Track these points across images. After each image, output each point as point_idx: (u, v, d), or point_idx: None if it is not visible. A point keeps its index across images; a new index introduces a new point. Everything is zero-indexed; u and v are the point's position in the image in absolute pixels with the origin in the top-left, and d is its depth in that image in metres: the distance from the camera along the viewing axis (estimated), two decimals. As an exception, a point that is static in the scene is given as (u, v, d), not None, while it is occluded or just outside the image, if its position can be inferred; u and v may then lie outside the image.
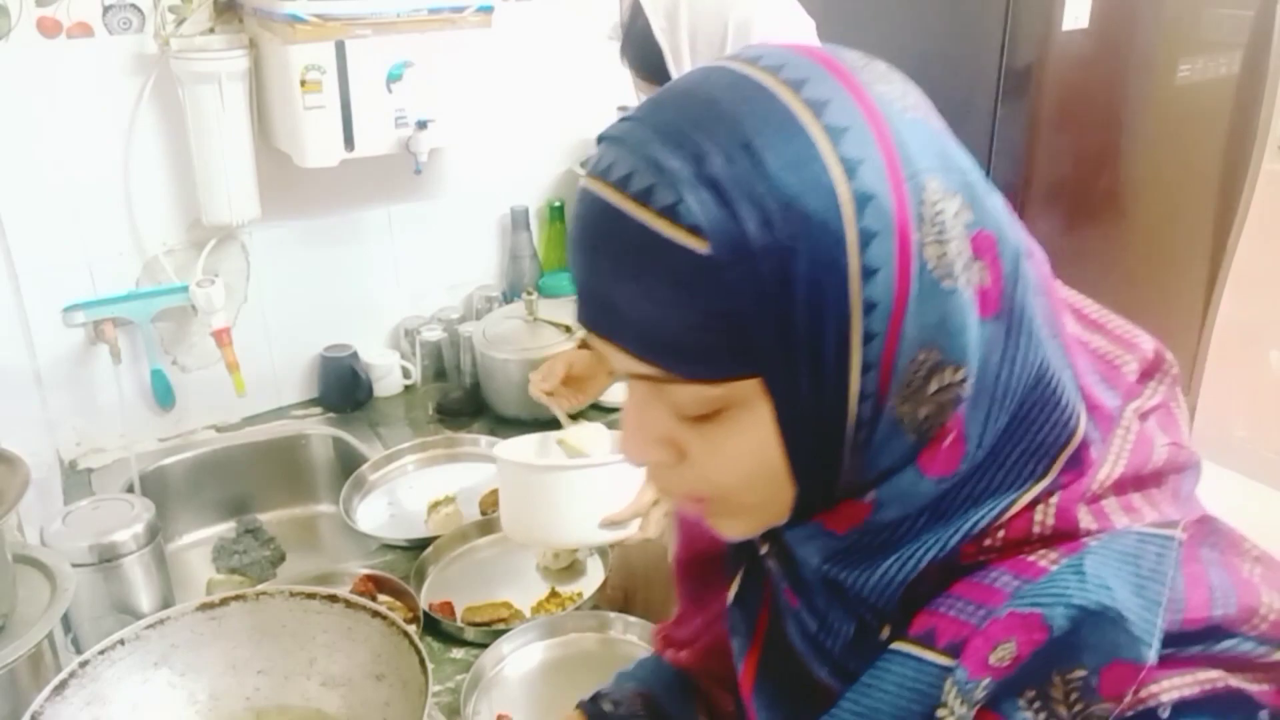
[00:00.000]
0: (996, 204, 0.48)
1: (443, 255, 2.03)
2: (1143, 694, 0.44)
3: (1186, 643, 0.45)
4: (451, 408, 1.87)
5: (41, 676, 0.97)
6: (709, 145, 0.44)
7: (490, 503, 1.58)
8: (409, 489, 1.67)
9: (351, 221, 1.91)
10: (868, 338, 0.45)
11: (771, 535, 0.58)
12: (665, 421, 0.50)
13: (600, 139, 0.49)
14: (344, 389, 1.91)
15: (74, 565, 1.08)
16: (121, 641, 0.97)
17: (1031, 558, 0.48)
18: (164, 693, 0.99)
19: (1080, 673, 0.44)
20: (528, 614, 1.34)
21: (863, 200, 0.44)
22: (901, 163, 0.45)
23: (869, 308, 0.44)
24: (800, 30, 1.16)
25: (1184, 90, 1.83)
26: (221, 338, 1.72)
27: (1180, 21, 1.77)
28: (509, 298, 2.05)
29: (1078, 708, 0.44)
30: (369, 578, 1.35)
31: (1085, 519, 0.49)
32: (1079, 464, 0.49)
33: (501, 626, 1.29)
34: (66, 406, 1.73)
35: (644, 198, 0.45)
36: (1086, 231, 1.81)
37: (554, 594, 1.38)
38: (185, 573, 1.71)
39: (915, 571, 0.50)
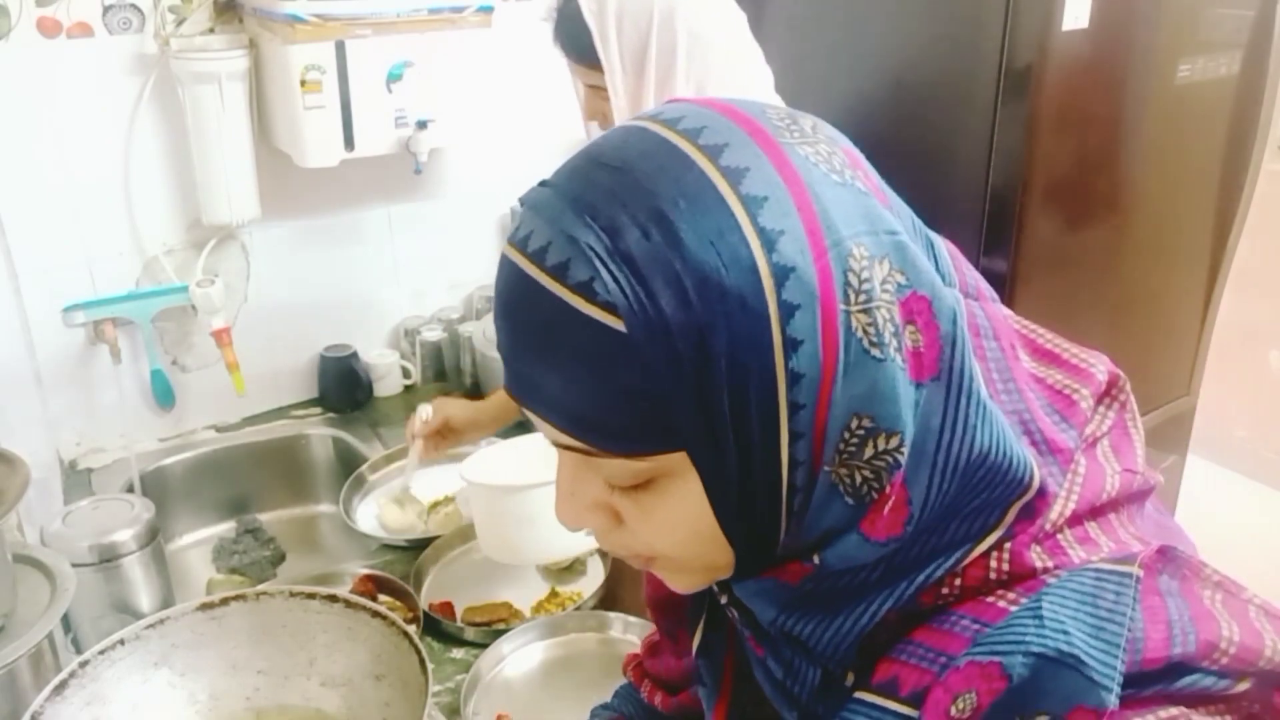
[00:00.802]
0: (931, 263, 0.47)
1: (443, 255, 2.03)
2: None
3: (1146, 683, 0.44)
4: (451, 408, 1.87)
5: (41, 676, 0.97)
6: (623, 219, 0.43)
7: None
8: (411, 486, 1.67)
9: (351, 221, 1.91)
10: (794, 409, 0.44)
11: (727, 587, 0.58)
12: (597, 489, 0.50)
13: (521, 201, 0.49)
14: (344, 389, 1.91)
15: (74, 565, 1.08)
16: (121, 641, 0.97)
17: (990, 599, 0.48)
18: (164, 693, 0.99)
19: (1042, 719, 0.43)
20: (528, 614, 1.34)
21: (782, 273, 0.42)
22: (824, 231, 0.43)
23: (794, 379, 0.43)
24: (725, 17, 1.17)
25: (1184, 90, 1.82)
26: (221, 338, 1.72)
27: (1180, 21, 1.77)
28: (509, 298, 2.05)
29: None
30: (369, 578, 1.35)
31: (1039, 559, 0.48)
32: (1032, 512, 0.49)
33: (501, 626, 1.29)
34: (66, 406, 1.73)
35: (558, 273, 0.44)
36: (1086, 231, 1.81)
37: (554, 594, 1.38)
38: (185, 573, 1.71)
39: (870, 624, 0.49)
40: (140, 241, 1.72)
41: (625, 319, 0.42)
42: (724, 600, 0.59)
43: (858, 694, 0.50)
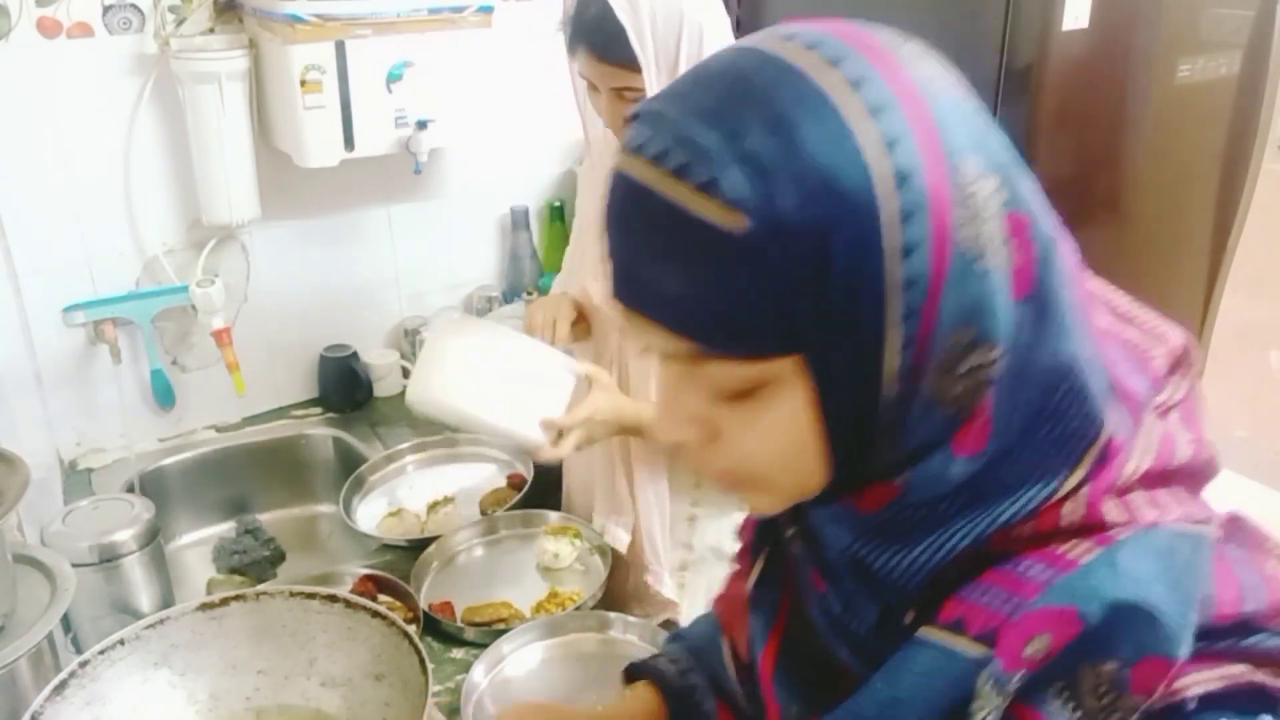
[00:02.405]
0: (1030, 187, 0.48)
1: (443, 255, 2.03)
2: (1171, 687, 0.45)
3: (1215, 638, 0.45)
4: (451, 408, 1.87)
5: (41, 676, 0.97)
6: (745, 122, 0.44)
7: (490, 502, 1.58)
8: (409, 489, 1.67)
9: (351, 221, 1.91)
10: (905, 315, 0.44)
11: (797, 518, 0.58)
12: (699, 400, 0.50)
13: (632, 116, 0.49)
14: (344, 389, 1.91)
15: (74, 565, 1.08)
16: (121, 641, 0.97)
17: (1062, 549, 0.48)
18: (164, 693, 0.99)
19: (1111, 666, 0.45)
20: (528, 614, 1.34)
21: (901, 178, 0.43)
22: (939, 142, 0.44)
23: (907, 284, 0.44)
24: (728, 23, 1.21)
25: (1184, 90, 1.82)
26: (221, 338, 1.72)
27: (1180, 21, 1.77)
28: (509, 298, 2.05)
29: (1107, 700, 0.45)
30: (369, 578, 1.35)
31: (1112, 511, 0.49)
32: (1106, 456, 0.49)
33: (501, 626, 1.29)
34: (66, 406, 1.73)
35: (680, 174, 0.44)
36: (1086, 231, 1.81)
37: (554, 594, 1.38)
38: (185, 573, 1.71)
39: (946, 558, 0.49)
40: (140, 241, 1.72)
41: (748, 218, 0.43)
42: (790, 533, 0.59)
43: (922, 631, 0.50)
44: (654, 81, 1.15)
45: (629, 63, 1.14)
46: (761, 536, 0.66)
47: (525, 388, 1.22)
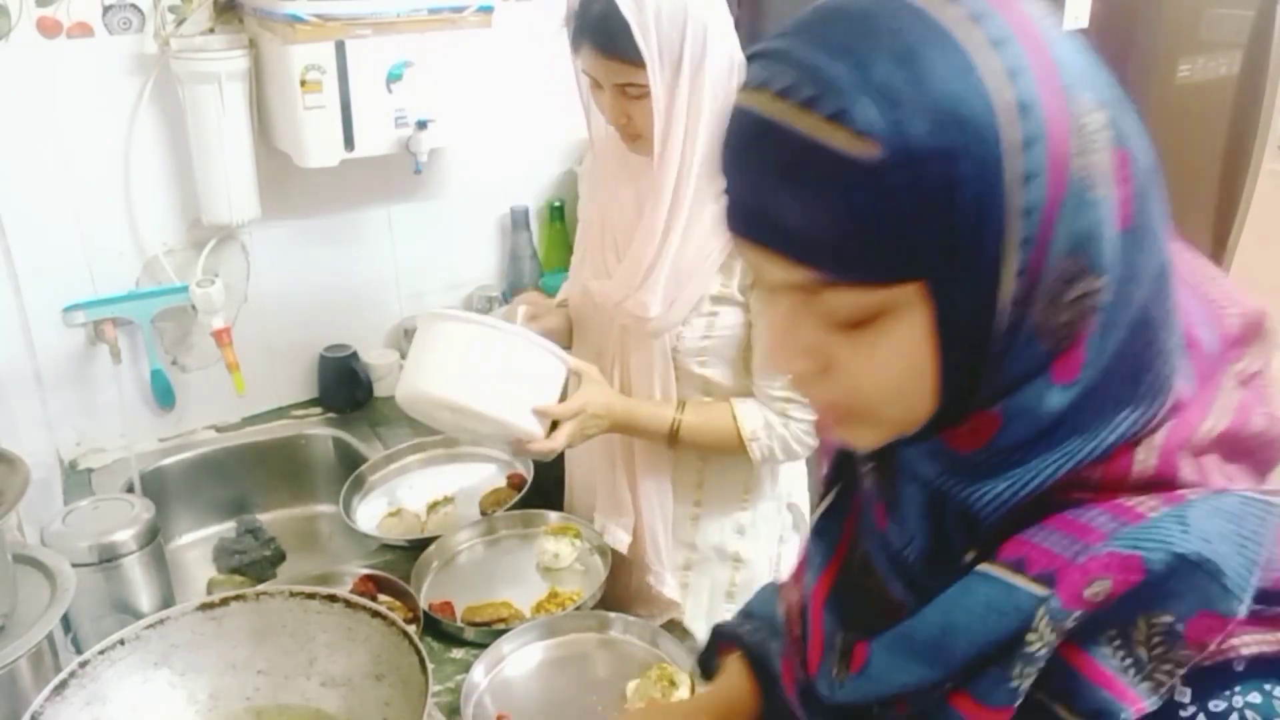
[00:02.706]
0: (1133, 125, 0.50)
1: (443, 255, 2.03)
2: (1223, 645, 0.46)
3: (1273, 602, 0.46)
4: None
5: (41, 676, 0.97)
6: (872, 55, 0.45)
7: (490, 502, 1.58)
8: (409, 489, 1.67)
9: (351, 221, 1.90)
10: (1022, 243, 0.46)
11: (877, 452, 0.59)
12: (814, 331, 0.51)
13: (752, 56, 0.51)
14: (344, 389, 1.91)
15: (74, 565, 1.08)
16: (121, 641, 0.97)
17: (1131, 503, 0.49)
18: (164, 693, 0.99)
19: (1167, 618, 0.46)
20: (528, 614, 1.34)
21: (1022, 108, 0.45)
22: (1057, 75, 0.46)
23: (1026, 212, 0.45)
24: (731, 24, 1.22)
25: (1184, 90, 1.83)
26: (221, 338, 1.72)
27: (1180, 21, 1.78)
28: (509, 298, 2.05)
29: (1158, 650, 0.46)
30: (369, 578, 1.35)
31: (1186, 470, 0.50)
32: (1179, 405, 0.51)
33: (501, 626, 1.29)
34: (66, 406, 1.73)
35: (809, 106, 0.46)
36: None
37: (554, 594, 1.38)
38: (185, 573, 1.71)
39: (1029, 494, 0.50)
40: (140, 241, 1.72)
41: (879, 146, 0.45)
42: (867, 467, 0.61)
43: (981, 566, 0.51)
44: (658, 77, 1.16)
45: (633, 59, 1.15)
46: (838, 471, 0.67)
47: (515, 378, 1.21)
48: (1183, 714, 0.47)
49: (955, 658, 0.51)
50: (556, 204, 2.09)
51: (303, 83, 1.57)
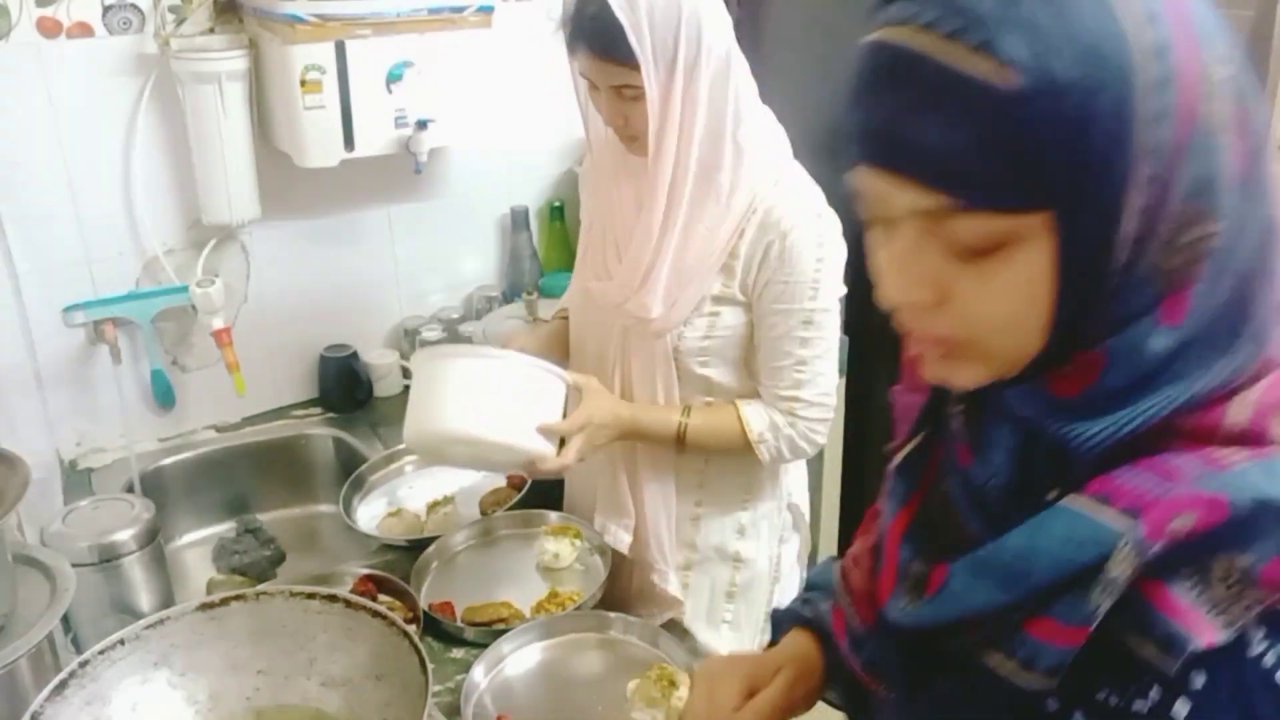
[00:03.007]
0: (1252, 83, 0.51)
1: (443, 255, 2.03)
2: None
3: None
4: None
5: (41, 676, 0.97)
6: None
7: (490, 502, 1.58)
8: (409, 489, 1.67)
9: (351, 221, 1.90)
10: (1149, 179, 0.48)
11: (969, 395, 0.61)
12: (934, 261, 0.52)
13: None
14: (344, 389, 1.91)
15: (74, 565, 1.08)
16: (121, 641, 0.97)
17: (1219, 453, 0.50)
18: (164, 693, 0.99)
19: (1247, 560, 0.48)
20: (528, 614, 1.34)
21: (1158, 50, 0.47)
22: (1191, 22, 0.48)
23: (1154, 151, 0.47)
24: (728, 25, 1.22)
25: (1184, 90, 1.83)
26: (221, 338, 1.72)
27: (1180, 21, 1.78)
28: (509, 298, 2.05)
29: (1233, 589, 0.48)
30: (369, 578, 1.35)
31: (1276, 428, 0.51)
32: (1272, 359, 0.52)
33: (501, 626, 1.29)
34: (66, 406, 1.73)
35: (955, 37, 0.48)
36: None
37: (554, 594, 1.37)
38: (185, 573, 1.71)
39: (1124, 435, 0.51)
40: (140, 241, 1.72)
41: (1021, 76, 0.46)
42: (957, 409, 0.62)
43: (1066, 500, 0.53)
44: (652, 79, 1.16)
45: (627, 60, 1.15)
46: (925, 418, 0.68)
47: (518, 402, 1.22)
48: (1251, 652, 0.48)
49: (1033, 582, 0.52)
50: (556, 204, 2.09)
51: (303, 83, 1.57)
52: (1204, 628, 0.48)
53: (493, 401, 1.20)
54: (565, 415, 1.26)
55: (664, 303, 1.25)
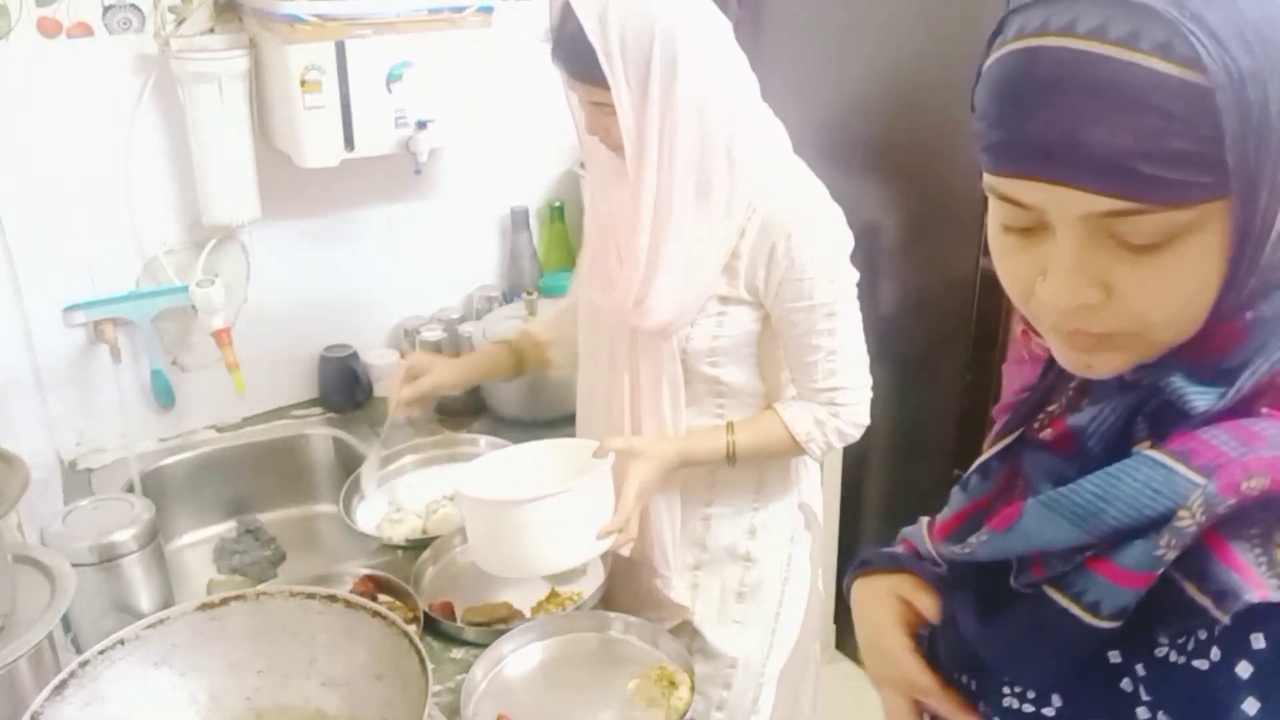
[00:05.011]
0: None
1: (443, 255, 2.02)
2: None
3: None
4: (451, 408, 1.87)
5: (41, 676, 0.97)
6: None
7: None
8: (409, 489, 1.67)
9: (351, 221, 1.90)
10: None
11: (1084, 383, 0.63)
12: (1105, 260, 0.53)
13: (1024, 6, 0.53)
14: (344, 389, 1.91)
15: (74, 565, 1.08)
16: (121, 641, 0.97)
17: None
18: (164, 693, 1.00)
19: None
20: (528, 614, 1.34)
21: None
22: None
23: None
24: (716, 30, 1.21)
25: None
26: (221, 338, 1.72)
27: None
28: (509, 298, 2.05)
29: None
30: (369, 578, 1.35)
31: None
32: None
33: (501, 626, 1.29)
34: (66, 406, 1.73)
35: (1130, 41, 0.49)
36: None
37: (554, 594, 1.38)
38: (185, 573, 1.71)
39: (1240, 397, 0.53)
40: (140, 241, 1.72)
41: (1208, 71, 0.48)
42: (1070, 391, 0.64)
43: (1148, 450, 0.55)
44: (624, 100, 1.15)
45: (600, 81, 1.15)
46: (1022, 417, 0.69)
47: (589, 518, 1.23)
48: None
49: (1105, 525, 0.54)
50: (556, 204, 2.09)
51: (303, 83, 1.57)
52: (1260, 583, 0.49)
53: (569, 532, 1.22)
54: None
55: (668, 310, 1.24)
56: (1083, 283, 0.54)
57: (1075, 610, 0.56)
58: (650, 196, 1.20)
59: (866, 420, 1.32)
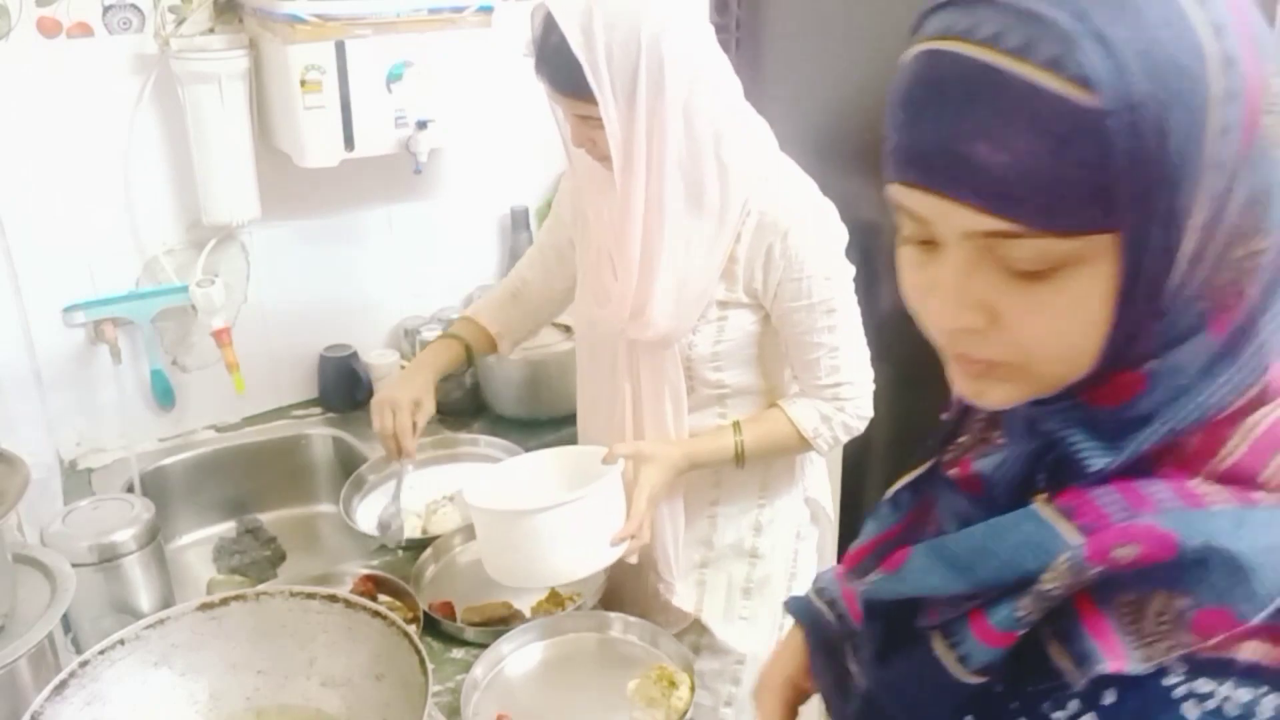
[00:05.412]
0: None
1: (443, 255, 2.02)
2: (1225, 644, 0.46)
3: None
4: (451, 408, 1.87)
5: (41, 676, 0.97)
6: (1087, 2, 0.45)
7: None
8: (409, 489, 1.67)
9: (351, 221, 1.90)
10: (1212, 194, 0.46)
11: (992, 416, 0.61)
12: (989, 284, 0.50)
13: (937, 7, 0.50)
14: (344, 389, 1.91)
15: (74, 565, 1.08)
16: (121, 641, 0.97)
17: (1201, 490, 0.49)
18: (164, 693, 1.00)
19: (1183, 602, 0.47)
20: (527, 614, 1.34)
21: (1228, 61, 0.46)
22: (1254, 32, 0.47)
23: (1218, 165, 0.46)
24: (701, 37, 1.20)
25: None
26: (221, 338, 1.73)
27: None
28: (509, 298, 2.05)
29: (1163, 628, 0.47)
30: (369, 578, 1.35)
31: (1273, 469, 0.49)
32: None
33: (501, 627, 1.29)
34: (66, 406, 1.73)
35: (1022, 52, 0.45)
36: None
37: (553, 594, 1.38)
38: (185, 573, 1.71)
39: (1138, 455, 0.51)
40: (140, 241, 1.72)
41: (1098, 92, 0.44)
42: (980, 424, 0.63)
43: (1036, 504, 0.53)
44: (612, 113, 1.14)
45: (586, 95, 1.14)
46: (935, 448, 0.68)
47: (600, 525, 1.22)
48: (1168, 681, 0.48)
49: (980, 577, 0.53)
50: (556, 204, 2.09)
51: (303, 83, 1.57)
52: (1118, 654, 0.48)
53: (582, 540, 1.21)
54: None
55: (666, 320, 1.24)
56: (965, 305, 0.51)
57: (947, 661, 0.55)
58: (640, 207, 1.19)
59: (870, 412, 1.32)
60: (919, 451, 0.69)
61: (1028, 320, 0.50)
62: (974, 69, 0.47)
